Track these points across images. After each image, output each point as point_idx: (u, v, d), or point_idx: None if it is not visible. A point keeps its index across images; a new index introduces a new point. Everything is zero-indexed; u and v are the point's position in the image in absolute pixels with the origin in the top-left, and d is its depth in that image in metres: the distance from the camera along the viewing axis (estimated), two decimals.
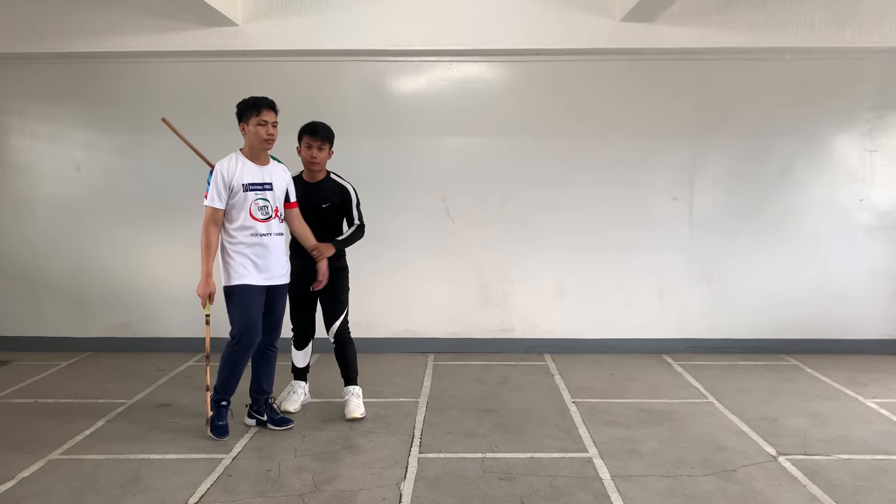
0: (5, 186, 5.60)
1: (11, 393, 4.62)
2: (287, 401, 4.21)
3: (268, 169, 3.78)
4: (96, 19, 5.09)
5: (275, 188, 3.74)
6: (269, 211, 3.71)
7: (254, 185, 3.69)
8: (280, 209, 3.76)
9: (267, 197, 3.71)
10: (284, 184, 3.81)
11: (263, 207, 3.70)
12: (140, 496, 3.11)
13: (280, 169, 3.85)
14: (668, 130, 5.45)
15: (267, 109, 3.73)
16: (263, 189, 3.70)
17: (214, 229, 3.68)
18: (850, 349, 5.51)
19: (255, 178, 3.70)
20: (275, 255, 3.74)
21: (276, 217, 3.73)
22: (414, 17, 5.07)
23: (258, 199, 3.69)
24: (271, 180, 3.74)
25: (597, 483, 3.23)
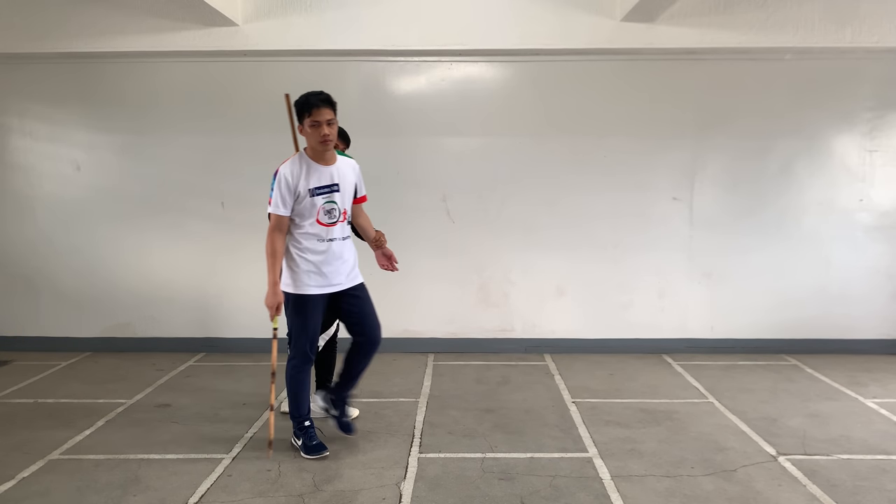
0: (5, 186, 5.60)
1: (11, 393, 4.62)
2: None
3: (335, 168, 3.49)
4: (96, 19, 5.09)
5: (342, 189, 3.50)
6: (337, 214, 3.48)
7: (320, 188, 3.44)
8: (348, 211, 3.56)
9: (335, 199, 3.47)
10: (353, 182, 3.58)
11: (330, 211, 3.47)
12: (140, 496, 3.11)
13: (349, 166, 3.58)
14: (669, 130, 5.45)
15: (318, 108, 3.33)
16: (331, 191, 3.46)
17: (280, 236, 3.43)
18: (850, 349, 5.51)
19: (321, 181, 3.44)
20: (341, 260, 3.53)
21: (343, 220, 3.52)
22: (414, 17, 5.07)
23: (326, 202, 3.46)
24: (339, 181, 3.49)
25: (597, 483, 3.23)
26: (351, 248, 3.61)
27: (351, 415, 3.94)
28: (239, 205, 5.52)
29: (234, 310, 5.65)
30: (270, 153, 5.50)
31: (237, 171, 5.52)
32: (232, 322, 5.67)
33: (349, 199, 3.56)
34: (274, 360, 3.63)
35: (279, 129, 5.48)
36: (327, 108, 3.34)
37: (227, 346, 5.63)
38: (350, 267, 3.59)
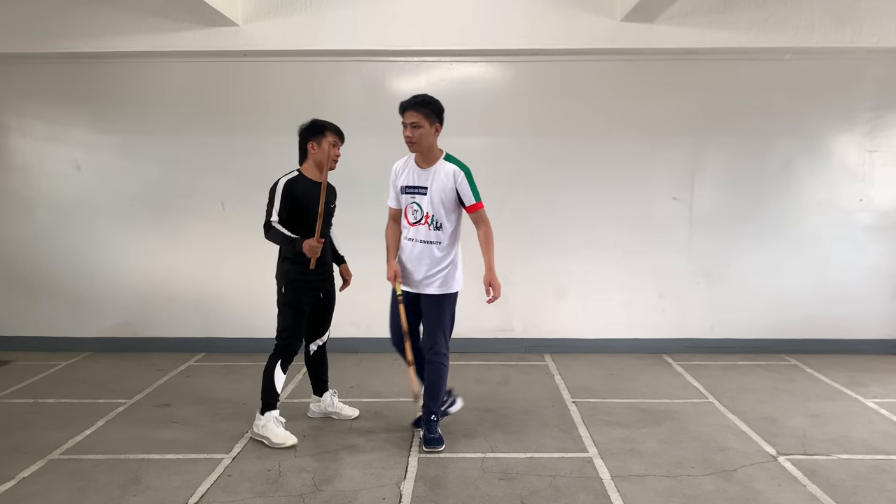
0: (5, 186, 5.60)
1: (11, 393, 4.62)
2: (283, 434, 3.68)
3: (430, 171, 3.59)
4: (96, 19, 5.09)
5: (430, 193, 3.55)
6: (418, 216, 3.58)
7: (409, 188, 3.63)
8: (433, 215, 3.56)
9: (419, 202, 3.57)
10: (448, 188, 3.54)
11: (415, 212, 3.60)
12: (140, 496, 3.11)
13: (445, 171, 3.57)
14: (669, 130, 5.45)
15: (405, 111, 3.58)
16: (416, 193, 3.60)
17: (392, 225, 3.75)
18: (850, 349, 5.51)
19: (410, 181, 3.62)
20: (415, 262, 3.59)
21: (425, 223, 3.57)
22: (414, 17, 5.07)
23: (412, 202, 3.60)
24: (428, 185, 3.56)
25: (597, 483, 3.23)
26: (432, 255, 3.57)
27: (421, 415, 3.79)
28: (239, 205, 5.52)
29: (234, 310, 5.65)
30: (271, 153, 5.53)
31: (237, 171, 5.52)
32: (232, 322, 5.67)
33: (438, 204, 3.54)
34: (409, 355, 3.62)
35: (279, 129, 5.51)
36: (412, 112, 3.53)
37: (227, 346, 5.63)
38: (423, 274, 3.59)
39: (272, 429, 3.67)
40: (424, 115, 3.53)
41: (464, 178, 3.55)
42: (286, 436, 3.67)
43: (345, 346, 5.61)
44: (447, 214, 3.57)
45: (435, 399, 3.68)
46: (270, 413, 3.70)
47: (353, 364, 5.27)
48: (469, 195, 3.55)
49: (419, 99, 3.57)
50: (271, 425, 3.68)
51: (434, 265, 3.58)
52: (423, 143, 3.55)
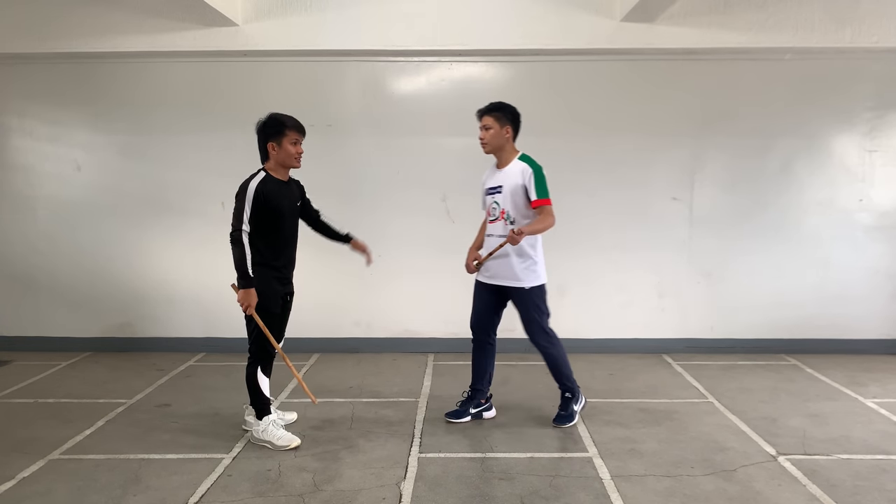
0: (5, 186, 5.60)
1: (11, 393, 4.62)
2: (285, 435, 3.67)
3: (504, 171, 3.85)
4: (96, 19, 5.09)
5: (504, 191, 3.80)
6: (496, 213, 3.85)
7: (490, 189, 3.91)
8: (508, 212, 3.79)
9: (496, 199, 3.84)
10: (518, 185, 3.76)
11: (494, 209, 3.87)
12: (140, 496, 3.11)
13: (516, 170, 3.80)
14: (668, 130, 5.45)
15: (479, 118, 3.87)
16: (494, 192, 3.87)
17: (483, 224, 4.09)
18: (850, 349, 5.51)
19: (490, 182, 3.92)
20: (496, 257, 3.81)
21: (501, 219, 3.82)
22: (414, 17, 5.07)
23: (492, 202, 3.88)
24: (502, 183, 3.82)
25: (597, 483, 3.23)
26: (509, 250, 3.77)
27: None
28: None
29: (234, 310, 5.60)
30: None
31: (237, 171, 5.46)
32: (232, 322, 5.64)
33: (511, 201, 3.77)
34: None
35: None
36: (485, 117, 3.83)
37: (227, 346, 5.63)
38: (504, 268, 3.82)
39: (273, 432, 3.66)
40: (496, 118, 3.81)
41: (531, 175, 3.75)
42: (290, 437, 3.66)
43: (345, 346, 5.62)
44: (520, 210, 3.78)
45: (562, 379, 3.99)
46: (267, 418, 3.68)
47: (353, 364, 5.27)
48: (533, 191, 3.73)
49: (493, 105, 3.86)
50: (271, 429, 3.67)
51: (512, 262, 3.79)
52: (494, 144, 3.82)
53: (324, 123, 5.44)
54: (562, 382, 4.01)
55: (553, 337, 3.94)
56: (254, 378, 3.67)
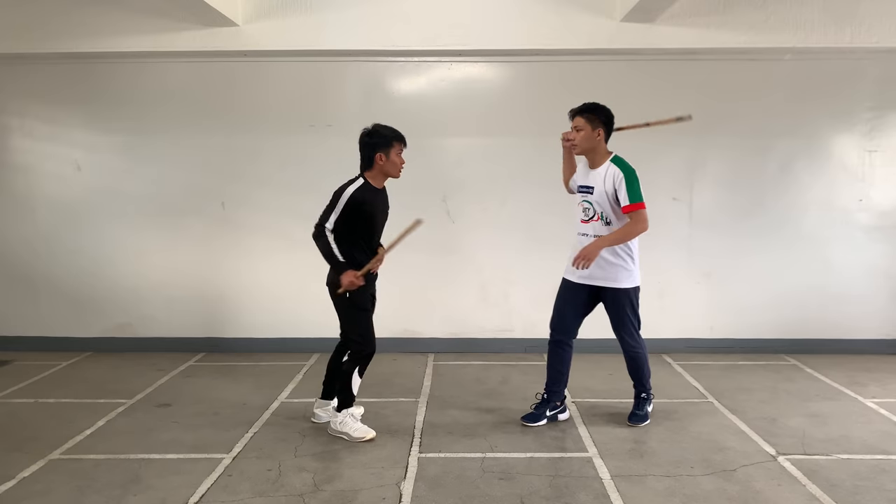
0: (5, 186, 5.60)
1: (11, 393, 4.62)
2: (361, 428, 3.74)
3: (597, 172, 3.84)
4: (96, 19, 5.09)
5: (596, 192, 3.78)
6: (590, 213, 3.83)
7: (582, 187, 3.89)
8: (602, 213, 3.78)
9: (588, 200, 3.83)
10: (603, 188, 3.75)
11: (587, 210, 3.85)
12: (140, 496, 3.11)
13: (607, 173, 3.78)
14: (668, 130, 5.40)
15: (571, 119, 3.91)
16: (585, 192, 3.85)
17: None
18: (850, 349, 5.51)
19: (582, 181, 3.92)
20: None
21: (598, 220, 3.80)
22: (414, 17, 5.06)
23: (583, 201, 3.86)
24: (593, 185, 3.81)
25: (597, 483, 3.23)
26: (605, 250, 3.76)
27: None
28: (239, 205, 5.53)
29: (234, 310, 5.66)
30: (271, 153, 5.53)
31: (237, 171, 5.52)
32: (232, 322, 5.68)
33: (605, 203, 3.76)
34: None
35: (279, 129, 5.52)
36: (577, 117, 3.86)
37: (227, 346, 5.64)
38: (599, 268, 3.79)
39: (350, 424, 3.72)
40: (588, 119, 3.82)
41: (622, 180, 3.71)
42: (365, 430, 3.73)
43: None
44: (614, 212, 3.76)
45: (642, 380, 4.04)
46: (347, 410, 3.75)
47: None
48: (624, 196, 3.69)
49: (586, 106, 3.87)
50: (349, 421, 3.74)
51: (607, 260, 3.78)
52: (584, 146, 3.83)
53: (324, 123, 5.44)
54: (641, 384, 4.06)
55: (641, 340, 4.02)
56: (349, 376, 3.73)
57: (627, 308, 3.90)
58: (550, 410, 4.04)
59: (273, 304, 5.64)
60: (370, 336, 3.77)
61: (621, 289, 3.85)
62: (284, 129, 5.48)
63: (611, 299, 3.89)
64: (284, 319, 5.65)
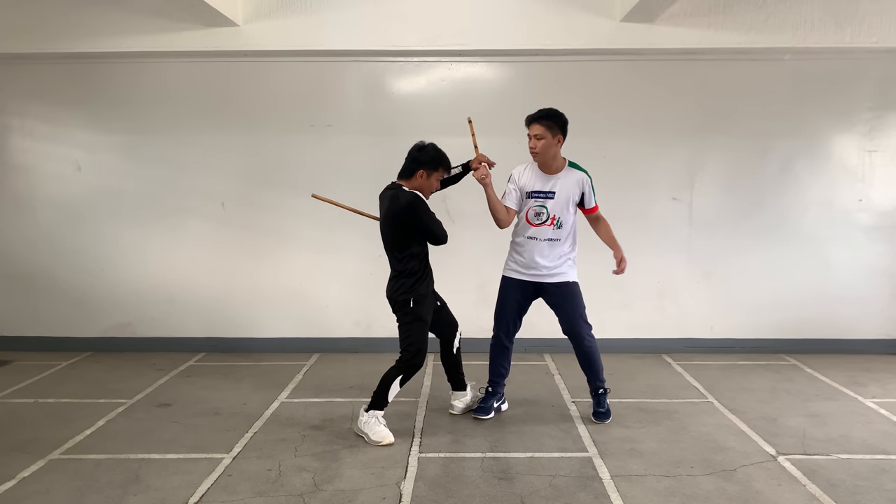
0: (5, 186, 5.60)
1: (11, 393, 4.62)
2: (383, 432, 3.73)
3: (556, 178, 3.93)
4: (96, 19, 5.09)
5: (557, 197, 3.88)
6: (543, 218, 3.92)
7: (535, 192, 3.94)
8: (557, 217, 3.89)
9: (546, 205, 3.91)
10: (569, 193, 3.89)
11: (540, 214, 3.92)
12: (140, 496, 3.11)
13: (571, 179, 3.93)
14: (668, 131, 5.45)
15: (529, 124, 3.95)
16: (542, 197, 3.91)
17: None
18: (850, 349, 5.51)
19: (535, 187, 3.96)
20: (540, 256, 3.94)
21: (550, 225, 3.91)
22: (414, 17, 5.07)
23: (537, 206, 3.92)
24: (555, 190, 3.89)
25: (596, 483, 3.24)
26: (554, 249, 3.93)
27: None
28: (239, 205, 5.53)
29: (234, 310, 5.66)
30: (271, 153, 5.54)
31: (237, 171, 5.52)
32: (232, 322, 5.68)
33: (564, 207, 3.89)
34: None
35: (279, 129, 5.52)
36: (535, 124, 3.87)
37: (227, 346, 5.64)
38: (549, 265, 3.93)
39: (372, 426, 3.73)
40: (547, 126, 3.84)
41: (588, 183, 3.92)
42: (385, 434, 3.72)
43: (345, 346, 5.62)
44: (568, 215, 3.92)
45: (599, 377, 4.07)
46: (375, 412, 3.77)
47: (353, 364, 5.27)
48: (590, 198, 3.95)
49: (543, 112, 3.88)
50: (372, 423, 3.74)
51: (558, 257, 3.92)
52: (547, 154, 3.86)
53: (324, 123, 5.45)
54: (599, 378, 4.10)
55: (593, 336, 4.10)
56: (389, 382, 3.74)
57: (578, 297, 3.99)
58: (497, 402, 4.16)
59: (273, 304, 5.64)
60: (422, 349, 3.78)
61: (573, 282, 3.97)
62: (284, 128, 5.48)
63: (562, 293, 3.95)
64: (284, 319, 5.66)
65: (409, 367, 3.76)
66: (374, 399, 3.78)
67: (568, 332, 4.04)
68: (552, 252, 3.92)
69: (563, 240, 3.93)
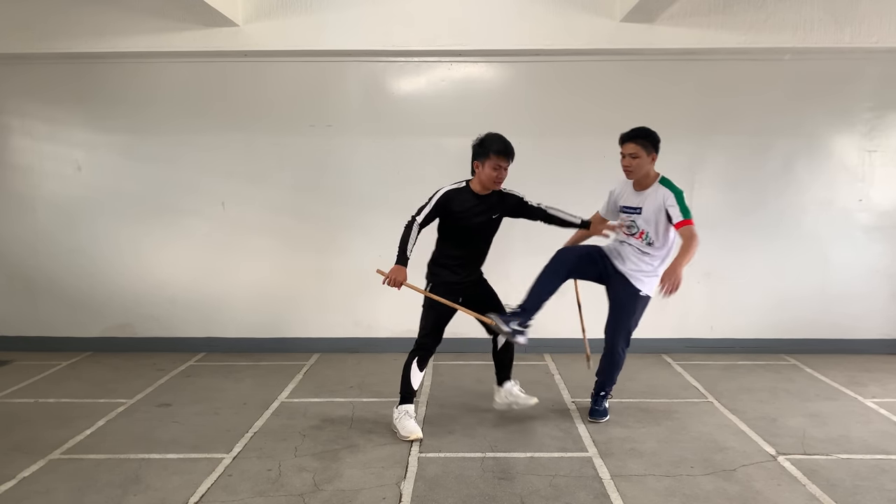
0: (5, 186, 5.60)
1: (12, 393, 4.62)
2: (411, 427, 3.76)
3: (644, 194, 3.90)
4: (96, 19, 5.09)
5: (644, 213, 3.86)
6: (634, 231, 3.92)
7: (626, 208, 3.97)
8: (646, 232, 3.88)
9: (634, 220, 3.91)
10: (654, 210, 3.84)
11: (631, 227, 3.94)
12: (140, 496, 3.12)
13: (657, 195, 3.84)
14: (668, 131, 5.38)
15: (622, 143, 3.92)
16: (632, 212, 3.93)
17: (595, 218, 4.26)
18: (850, 349, 5.52)
19: (627, 202, 3.98)
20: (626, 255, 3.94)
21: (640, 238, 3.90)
22: (414, 17, 5.07)
23: (629, 220, 3.95)
24: (642, 206, 3.87)
25: (596, 483, 3.24)
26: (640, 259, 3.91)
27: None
28: (239, 205, 5.53)
29: (234, 309, 5.66)
30: (271, 153, 5.54)
31: (237, 170, 5.52)
32: (232, 322, 5.68)
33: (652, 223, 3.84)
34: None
35: (279, 129, 5.52)
36: (630, 143, 3.85)
37: (227, 346, 5.64)
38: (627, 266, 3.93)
39: (403, 422, 3.77)
40: (642, 145, 3.83)
41: (674, 200, 3.80)
42: (412, 429, 3.74)
43: (345, 346, 5.62)
44: (659, 232, 3.85)
45: (610, 380, 4.08)
46: (403, 406, 3.82)
47: (353, 364, 5.27)
48: (677, 214, 3.78)
49: (638, 131, 3.84)
50: (404, 418, 3.79)
51: (639, 267, 3.90)
52: (640, 172, 3.85)
53: (324, 123, 5.45)
54: (613, 382, 4.11)
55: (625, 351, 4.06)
56: (408, 368, 3.84)
57: (635, 312, 3.95)
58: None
59: (273, 304, 5.64)
60: (433, 333, 3.86)
61: (643, 295, 3.92)
62: (284, 128, 5.49)
63: (627, 296, 3.91)
64: (284, 319, 5.66)
65: (419, 347, 3.85)
66: (401, 393, 3.85)
67: (607, 333, 4.02)
68: (639, 261, 3.91)
69: (654, 256, 3.89)
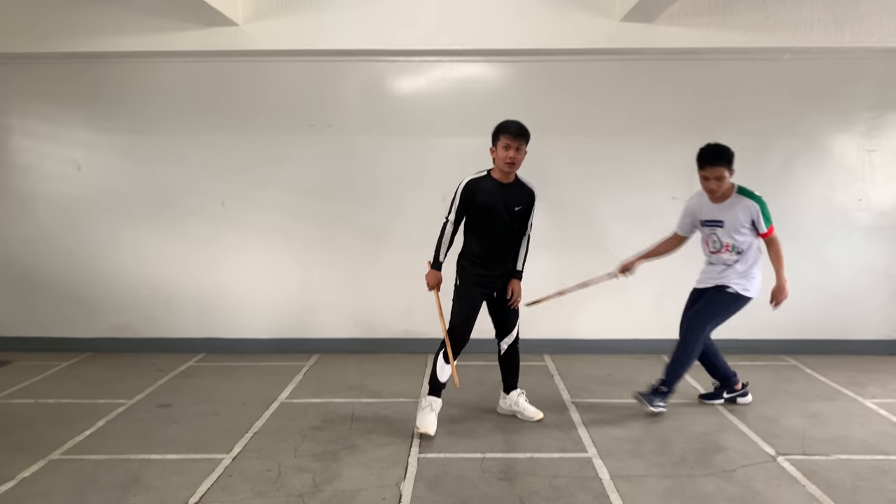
0: (6, 186, 5.60)
1: (12, 393, 4.62)
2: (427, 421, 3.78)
3: (724, 206, 4.00)
4: (96, 19, 5.09)
5: (726, 225, 3.98)
6: (718, 245, 4.06)
7: (707, 222, 4.08)
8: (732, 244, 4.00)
9: (717, 233, 4.03)
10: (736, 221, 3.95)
11: (714, 242, 4.07)
12: (140, 496, 3.12)
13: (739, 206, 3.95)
14: (668, 130, 5.45)
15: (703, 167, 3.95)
16: (713, 226, 4.05)
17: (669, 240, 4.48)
18: (850, 349, 5.51)
19: (707, 216, 4.07)
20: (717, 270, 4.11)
21: (726, 251, 4.04)
22: (414, 16, 5.06)
23: (711, 234, 4.07)
24: (723, 218, 3.98)
25: (596, 483, 3.24)
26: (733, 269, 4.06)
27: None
28: (239, 205, 5.53)
29: (234, 310, 5.66)
30: (271, 152, 5.53)
31: (237, 170, 5.52)
32: (232, 322, 5.68)
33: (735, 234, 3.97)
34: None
35: (279, 128, 5.52)
36: (715, 167, 3.89)
37: (227, 346, 5.64)
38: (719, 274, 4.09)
39: (423, 414, 3.81)
40: (726, 167, 3.90)
41: (758, 210, 3.93)
42: (427, 423, 3.76)
43: (345, 346, 5.62)
44: (744, 240, 3.99)
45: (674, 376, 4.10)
46: (430, 398, 3.87)
47: (353, 364, 5.27)
48: (762, 224, 3.95)
49: (719, 154, 3.90)
50: (425, 408, 3.83)
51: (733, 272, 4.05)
52: (723, 192, 3.95)
53: (324, 123, 5.45)
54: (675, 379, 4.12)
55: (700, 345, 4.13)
56: (435, 361, 3.87)
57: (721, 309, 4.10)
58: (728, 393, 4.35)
59: (273, 304, 5.64)
60: (461, 326, 3.86)
61: (731, 291, 4.04)
62: (284, 128, 5.49)
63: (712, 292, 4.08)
64: (284, 319, 5.66)
65: (447, 339, 3.83)
66: (430, 382, 3.90)
67: (682, 326, 4.15)
68: (731, 271, 4.04)
69: (743, 261, 4.02)
